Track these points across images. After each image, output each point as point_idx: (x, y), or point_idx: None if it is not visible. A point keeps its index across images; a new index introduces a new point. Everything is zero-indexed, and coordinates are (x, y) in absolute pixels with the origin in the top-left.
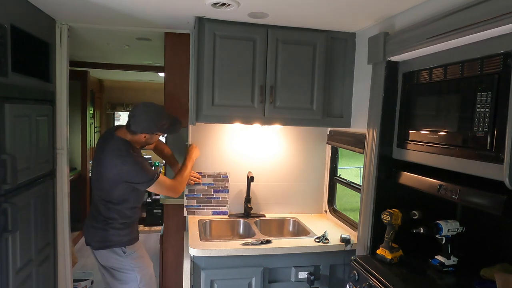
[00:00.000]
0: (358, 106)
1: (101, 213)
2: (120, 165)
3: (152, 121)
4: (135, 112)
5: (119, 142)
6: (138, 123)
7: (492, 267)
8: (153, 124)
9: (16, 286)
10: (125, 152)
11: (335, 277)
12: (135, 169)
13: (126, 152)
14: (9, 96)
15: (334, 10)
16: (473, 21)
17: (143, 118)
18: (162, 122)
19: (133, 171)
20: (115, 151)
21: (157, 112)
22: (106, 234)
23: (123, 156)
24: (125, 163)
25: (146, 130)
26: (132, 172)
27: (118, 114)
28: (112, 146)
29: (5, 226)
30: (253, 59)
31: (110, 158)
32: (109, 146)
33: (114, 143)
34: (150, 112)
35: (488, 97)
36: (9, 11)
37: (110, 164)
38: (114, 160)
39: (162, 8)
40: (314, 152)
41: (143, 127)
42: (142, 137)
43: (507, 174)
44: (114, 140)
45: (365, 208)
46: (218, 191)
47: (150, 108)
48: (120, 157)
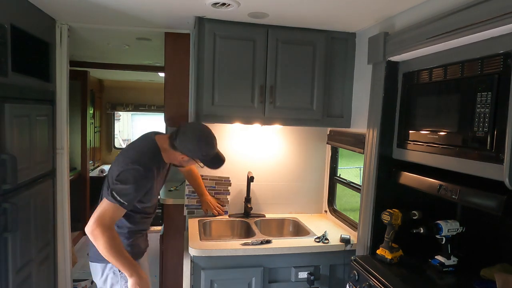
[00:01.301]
0: (358, 106)
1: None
2: (123, 165)
3: (200, 148)
4: (187, 128)
5: (148, 145)
6: (185, 142)
7: (492, 267)
8: (199, 151)
9: (16, 286)
10: (141, 160)
11: (335, 277)
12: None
13: (141, 162)
14: (9, 96)
15: (334, 10)
16: (473, 21)
17: (192, 140)
18: (209, 153)
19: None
20: (135, 150)
21: (209, 142)
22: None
23: (135, 163)
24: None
25: (189, 153)
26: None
27: (118, 114)
28: (138, 145)
29: (5, 226)
30: (253, 59)
31: (125, 155)
32: (138, 144)
33: (144, 144)
34: (203, 138)
35: (488, 97)
36: (9, 11)
37: (122, 158)
38: (127, 157)
39: (162, 8)
40: (314, 152)
41: (187, 148)
42: (180, 157)
43: (507, 174)
44: (146, 141)
45: (365, 208)
46: (219, 193)
47: (204, 133)
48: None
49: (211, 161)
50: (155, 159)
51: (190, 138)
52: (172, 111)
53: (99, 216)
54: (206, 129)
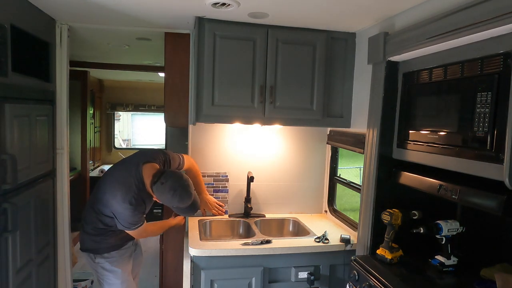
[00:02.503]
0: (358, 106)
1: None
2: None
3: (172, 203)
4: (167, 180)
5: (135, 178)
6: (161, 192)
7: (492, 267)
8: (171, 204)
9: (16, 286)
10: (129, 191)
11: (335, 277)
12: (125, 213)
13: (130, 193)
14: (9, 96)
15: (334, 10)
16: (473, 21)
17: (167, 194)
18: (180, 206)
19: (122, 213)
20: (123, 185)
21: (183, 197)
22: (83, 236)
23: (125, 195)
24: (121, 202)
25: (163, 201)
26: (121, 213)
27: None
28: (125, 175)
29: (5, 226)
30: (253, 59)
31: (114, 186)
32: (124, 172)
33: (131, 174)
34: (177, 194)
35: (488, 97)
36: (9, 11)
37: (111, 191)
38: (116, 192)
39: (162, 8)
40: (314, 152)
41: (162, 198)
42: (155, 198)
43: (507, 174)
44: (134, 171)
45: (365, 208)
46: (218, 191)
47: (180, 190)
48: (122, 194)
49: (182, 211)
50: (141, 194)
51: (166, 191)
52: (172, 111)
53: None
54: (184, 183)
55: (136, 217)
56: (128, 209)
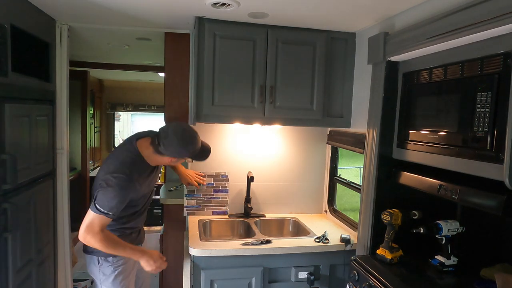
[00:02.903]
0: (358, 106)
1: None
2: (107, 170)
3: (187, 149)
4: (169, 132)
5: (129, 155)
6: (170, 146)
7: (492, 267)
8: (186, 151)
9: (16, 286)
10: (121, 170)
11: (335, 277)
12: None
13: (122, 172)
14: (9, 96)
15: (334, 10)
16: (473, 21)
17: (177, 143)
18: (195, 149)
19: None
20: (116, 159)
21: (193, 140)
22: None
23: (119, 166)
24: (112, 172)
25: (177, 155)
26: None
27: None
28: (120, 155)
29: (5, 226)
30: (253, 59)
31: (108, 162)
32: (119, 152)
33: (125, 153)
34: (186, 138)
35: (488, 97)
36: (9, 11)
37: (105, 167)
38: (109, 166)
39: (162, 8)
40: (314, 152)
41: (175, 151)
42: (169, 159)
43: (507, 174)
44: (127, 149)
45: (365, 208)
46: (218, 191)
47: (185, 133)
48: (115, 166)
49: (199, 155)
50: (136, 168)
51: (174, 142)
52: (172, 111)
53: (87, 226)
54: (187, 127)
55: (112, 201)
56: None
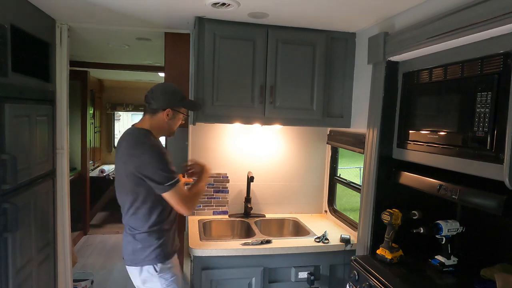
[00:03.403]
0: (358, 106)
1: (128, 223)
2: (139, 156)
3: (174, 94)
4: (154, 89)
5: (136, 132)
6: (159, 98)
7: (492, 267)
8: (174, 97)
9: (16, 286)
10: (144, 139)
11: (335, 277)
12: (156, 160)
13: (146, 139)
14: (9, 96)
15: (334, 10)
16: (473, 21)
17: (164, 92)
18: (181, 93)
19: (154, 162)
20: (133, 141)
21: (177, 88)
22: (135, 248)
23: (143, 144)
24: (144, 152)
25: (169, 104)
26: (152, 163)
27: (118, 114)
28: (130, 138)
29: (5, 226)
30: (253, 59)
31: (128, 149)
32: (127, 139)
33: (132, 134)
34: (171, 86)
35: (488, 97)
36: (9, 11)
37: (129, 157)
38: (132, 151)
39: (162, 8)
40: (314, 152)
41: (164, 101)
42: (165, 115)
43: (507, 174)
44: (132, 132)
45: (365, 208)
46: (218, 191)
47: (169, 84)
48: (139, 146)
49: (191, 103)
50: (153, 137)
51: (162, 92)
52: None
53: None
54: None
55: (169, 166)
56: (159, 154)
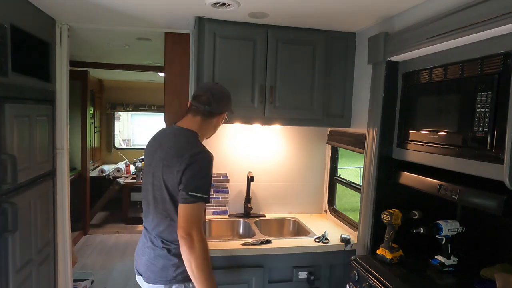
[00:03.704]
0: (358, 106)
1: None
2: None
3: (229, 97)
4: (213, 91)
5: (188, 133)
6: (221, 101)
7: (492, 267)
8: (229, 100)
9: (16, 286)
10: (197, 143)
11: (335, 277)
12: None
13: (199, 144)
14: (9, 96)
15: (334, 10)
16: (473, 21)
17: (225, 96)
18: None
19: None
20: (185, 144)
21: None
22: (167, 264)
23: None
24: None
25: (226, 108)
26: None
27: (118, 114)
28: (180, 138)
29: (5, 226)
30: (253, 59)
31: (177, 150)
32: (176, 139)
33: (182, 134)
34: (226, 89)
35: (488, 97)
36: (9, 11)
37: (177, 159)
38: (184, 153)
39: (162, 8)
40: (314, 152)
41: (226, 105)
42: (221, 119)
43: (507, 174)
44: (180, 131)
45: (365, 208)
46: (218, 191)
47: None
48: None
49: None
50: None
51: (222, 96)
52: (172, 111)
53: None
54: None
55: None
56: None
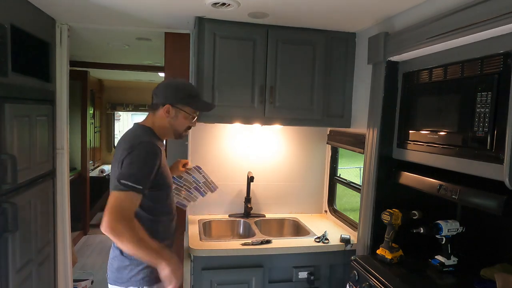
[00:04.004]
0: (358, 106)
1: None
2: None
3: (177, 89)
4: (160, 83)
5: (136, 128)
6: (160, 92)
7: (492, 267)
8: (177, 93)
9: (16, 286)
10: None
11: (335, 277)
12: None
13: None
14: (9, 96)
15: (334, 10)
16: (473, 21)
17: (166, 86)
18: (189, 87)
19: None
20: (130, 137)
21: (186, 84)
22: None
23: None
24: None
25: (168, 100)
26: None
27: (118, 114)
28: (127, 134)
29: (5, 226)
30: (253, 59)
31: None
32: (129, 133)
33: (130, 130)
34: (176, 81)
35: (488, 97)
36: (9, 11)
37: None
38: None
39: (162, 8)
40: (314, 152)
41: (164, 96)
42: (164, 112)
43: (507, 174)
44: (132, 128)
45: (365, 208)
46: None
47: (177, 79)
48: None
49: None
50: (153, 136)
51: (164, 86)
52: None
53: (115, 209)
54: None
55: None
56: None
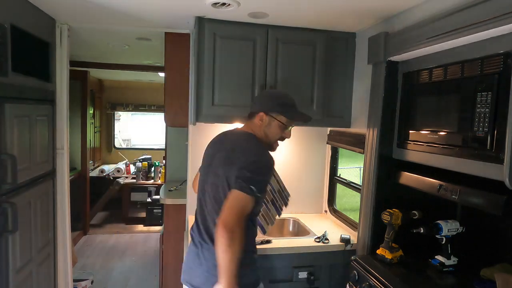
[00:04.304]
0: (358, 106)
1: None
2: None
3: (271, 98)
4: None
5: (245, 133)
6: (257, 100)
7: (492, 267)
8: (272, 101)
9: (16, 285)
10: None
11: (335, 277)
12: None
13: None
14: (9, 96)
15: (334, 10)
16: (473, 21)
17: (262, 94)
18: (285, 102)
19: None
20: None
21: (282, 94)
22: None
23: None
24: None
25: (262, 108)
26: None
27: (118, 114)
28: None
29: (5, 226)
30: (253, 59)
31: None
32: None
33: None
34: (273, 91)
35: (488, 97)
36: (9, 11)
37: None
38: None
39: (162, 8)
40: (314, 152)
41: (260, 103)
42: (258, 120)
43: (507, 174)
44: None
45: (365, 208)
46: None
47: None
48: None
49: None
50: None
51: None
52: (172, 111)
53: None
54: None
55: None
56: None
